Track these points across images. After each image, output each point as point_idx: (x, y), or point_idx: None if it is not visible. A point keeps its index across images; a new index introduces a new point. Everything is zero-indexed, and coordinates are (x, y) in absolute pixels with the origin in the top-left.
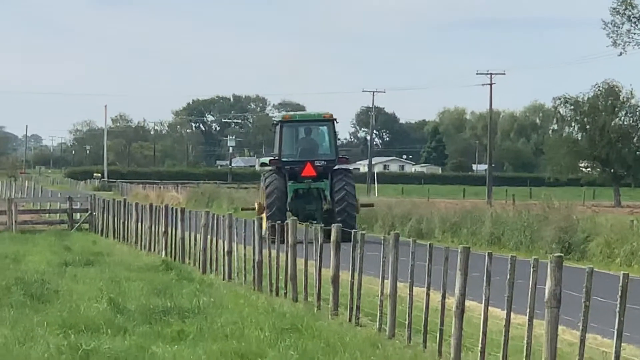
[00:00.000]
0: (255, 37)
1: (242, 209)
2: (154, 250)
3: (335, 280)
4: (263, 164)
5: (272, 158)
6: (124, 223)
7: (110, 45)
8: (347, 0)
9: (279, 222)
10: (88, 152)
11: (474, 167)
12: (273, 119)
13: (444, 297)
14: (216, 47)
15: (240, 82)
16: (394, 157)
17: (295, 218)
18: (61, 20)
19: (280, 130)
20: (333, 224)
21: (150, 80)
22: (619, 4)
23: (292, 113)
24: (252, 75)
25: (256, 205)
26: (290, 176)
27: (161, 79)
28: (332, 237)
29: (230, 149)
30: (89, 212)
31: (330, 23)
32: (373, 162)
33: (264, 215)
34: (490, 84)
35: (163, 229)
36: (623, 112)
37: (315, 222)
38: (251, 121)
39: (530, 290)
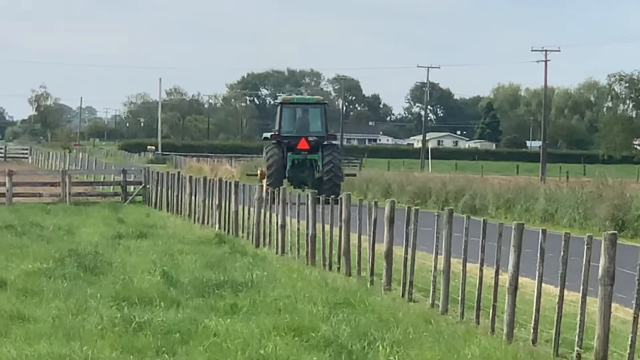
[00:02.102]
0: (310, 11)
1: (247, 175)
2: (208, 223)
3: (389, 255)
4: (265, 138)
5: (273, 133)
6: (177, 196)
7: (166, 18)
8: None
9: (277, 186)
10: (142, 124)
11: (528, 143)
12: (275, 101)
13: (497, 273)
14: (271, 21)
15: (295, 57)
16: (448, 133)
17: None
18: None
19: (280, 110)
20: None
21: (205, 53)
22: None
23: (291, 96)
24: (307, 49)
25: (259, 172)
26: (287, 149)
27: (216, 53)
28: (386, 213)
29: None
30: (143, 184)
31: None
32: (427, 138)
33: (264, 181)
34: (545, 61)
35: (217, 202)
36: None
37: (307, 187)
38: (305, 95)
39: (583, 267)
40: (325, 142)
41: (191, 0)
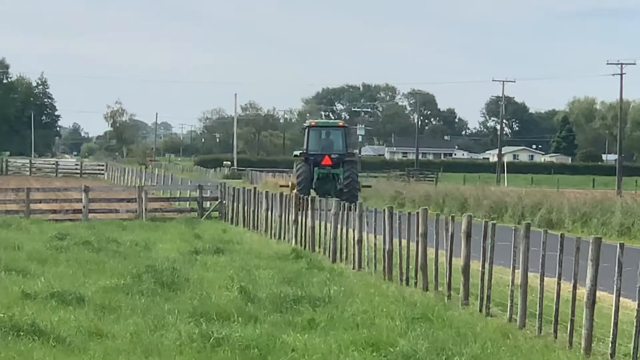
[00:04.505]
0: (385, 26)
1: (280, 186)
2: (284, 238)
3: (466, 269)
4: (295, 156)
5: (302, 151)
6: (253, 211)
7: (242, 34)
8: None
9: (305, 195)
10: (218, 140)
11: (604, 157)
12: (303, 124)
13: (575, 287)
14: (346, 36)
15: (370, 71)
16: (523, 147)
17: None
18: (192, 9)
19: (307, 132)
20: (343, 199)
21: (281, 68)
22: None
23: (316, 120)
24: (382, 64)
25: (290, 184)
26: (314, 164)
27: (291, 68)
28: (463, 227)
29: (360, 137)
30: (219, 200)
31: (460, 12)
32: (503, 152)
33: (294, 191)
34: (621, 74)
35: (293, 218)
36: None
37: (330, 196)
38: (380, 110)
39: None
40: (345, 159)
41: (267, 16)
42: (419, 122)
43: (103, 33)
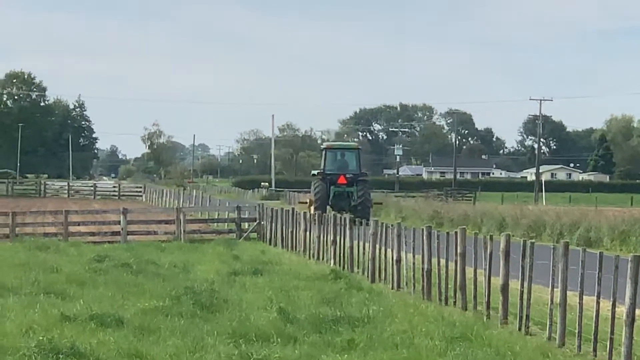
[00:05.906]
0: (422, 46)
1: (299, 202)
2: (323, 259)
3: (505, 288)
4: (313, 175)
5: (319, 171)
6: (292, 232)
7: (278, 55)
8: (515, 9)
9: (321, 211)
10: (255, 161)
11: None
12: (321, 146)
13: (614, 305)
14: (383, 56)
15: (407, 91)
16: (561, 166)
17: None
18: (229, 30)
19: (325, 154)
20: (357, 215)
21: (318, 89)
22: None
23: (332, 143)
24: (419, 84)
25: (308, 201)
26: (330, 183)
27: (328, 88)
28: (502, 246)
29: (397, 157)
30: (257, 221)
31: (497, 32)
32: (540, 171)
33: (312, 207)
34: None
35: (332, 238)
36: None
37: (345, 212)
38: (418, 130)
39: None
40: (359, 179)
41: (303, 36)
42: (457, 142)
43: (140, 55)
